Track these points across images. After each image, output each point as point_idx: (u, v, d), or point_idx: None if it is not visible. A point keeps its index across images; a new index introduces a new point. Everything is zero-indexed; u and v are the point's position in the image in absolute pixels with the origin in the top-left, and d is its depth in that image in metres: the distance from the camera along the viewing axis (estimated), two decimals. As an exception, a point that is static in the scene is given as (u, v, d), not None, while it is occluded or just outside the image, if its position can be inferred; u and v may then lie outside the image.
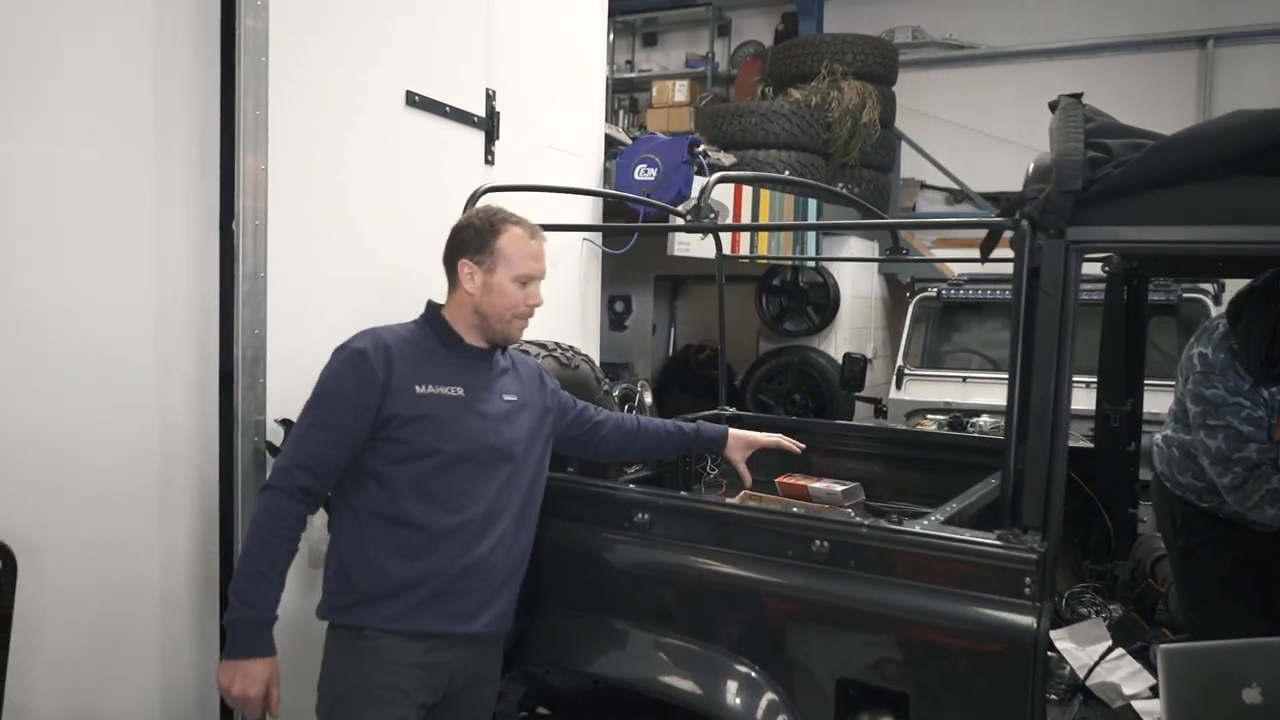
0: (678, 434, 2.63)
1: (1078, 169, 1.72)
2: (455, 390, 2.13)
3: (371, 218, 3.09)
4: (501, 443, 2.16)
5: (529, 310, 2.20)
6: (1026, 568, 1.71)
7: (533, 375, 2.38)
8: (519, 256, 2.17)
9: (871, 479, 3.47)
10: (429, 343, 2.19)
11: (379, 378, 2.05)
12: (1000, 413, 5.02)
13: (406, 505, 2.05)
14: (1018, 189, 6.95)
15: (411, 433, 2.06)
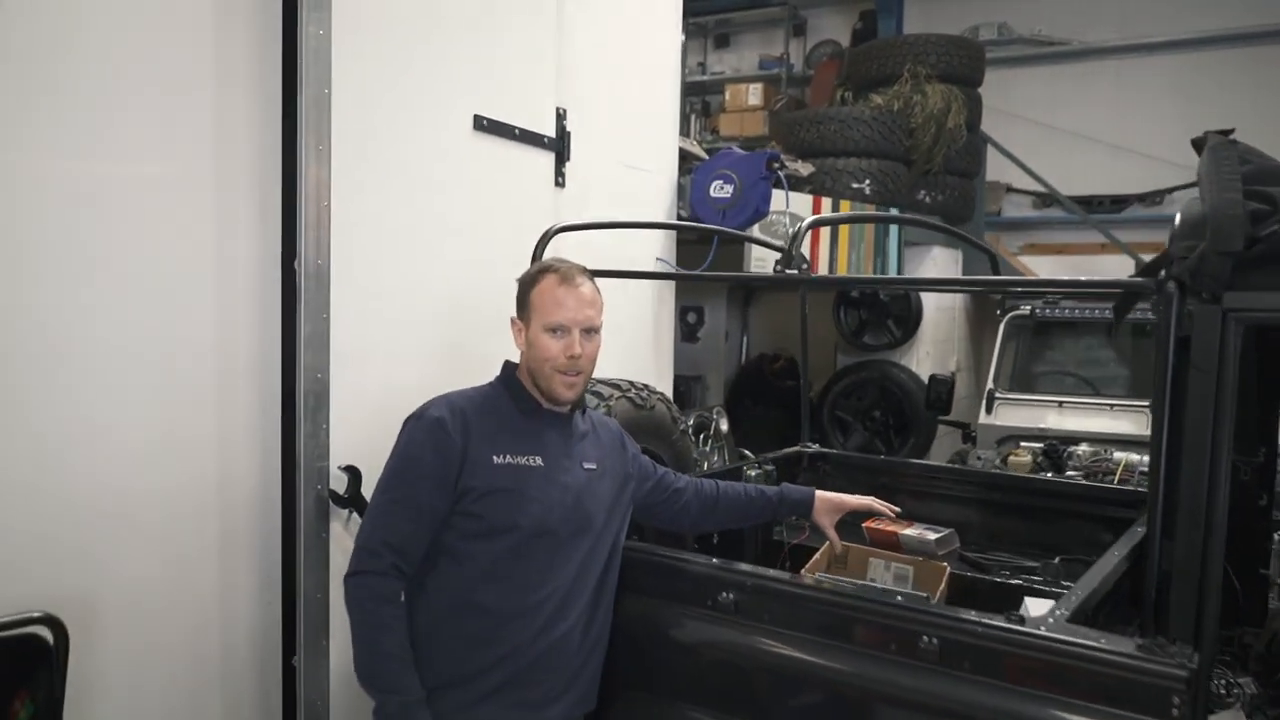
0: (760, 500, 2.46)
1: (1238, 226, 1.48)
2: (533, 460, 2.00)
3: (439, 252, 2.96)
4: (582, 516, 2.03)
5: (569, 364, 2.03)
6: (1175, 685, 1.49)
7: (614, 440, 2.22)
8: (547, 305, 2.04)
9: (965, 524, 3.24)
10: (505, 408, 2.06)
11: (458, 447, 1.93)
12: (1101, 441, 4.73)
13: (480, 584, 1.93)
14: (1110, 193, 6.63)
15: (488, 507, 1.93)
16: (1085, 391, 5.24)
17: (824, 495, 2.54)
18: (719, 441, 4.19)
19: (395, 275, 2.81)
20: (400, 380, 2.81)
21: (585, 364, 2.06)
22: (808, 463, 3.48)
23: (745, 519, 2.54)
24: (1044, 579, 2.84)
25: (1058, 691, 1.59)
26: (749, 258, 5.18)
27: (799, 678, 1.84)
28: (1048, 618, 1.71)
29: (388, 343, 2.78)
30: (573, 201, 3.67)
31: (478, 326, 3.06)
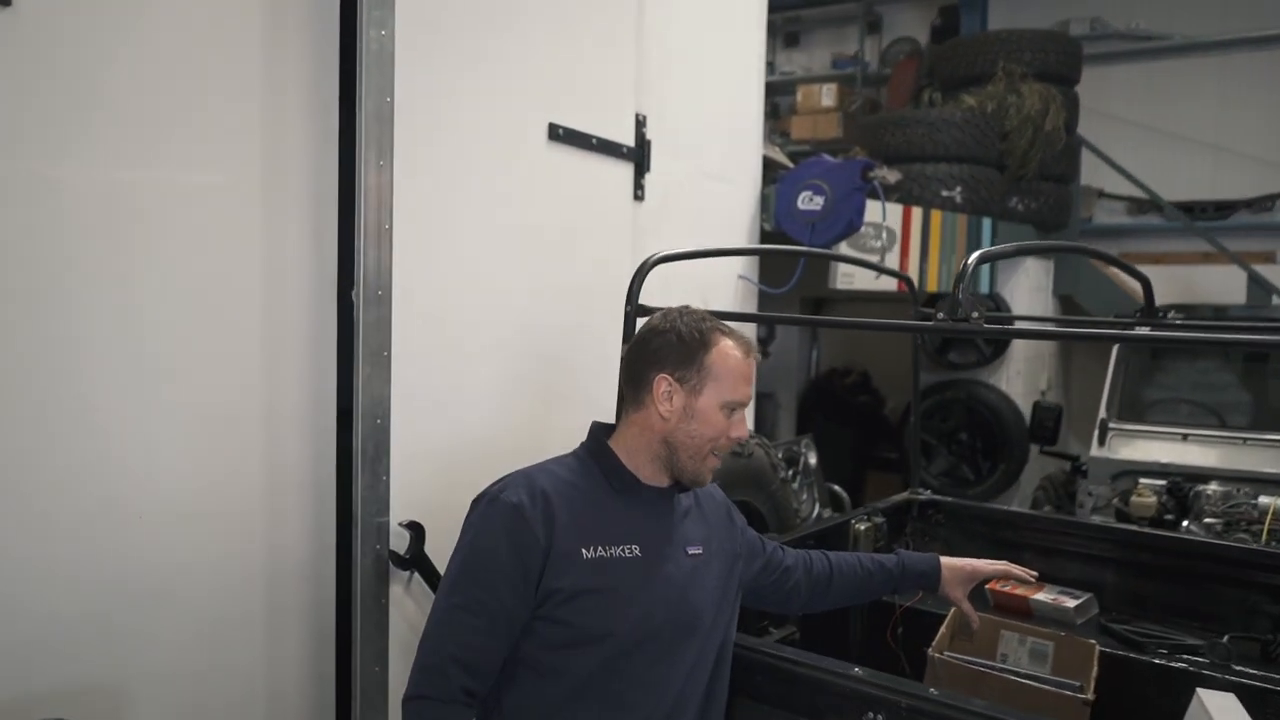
0: (879, 575, 2.12)
1: None
2: (631, 550, 1.66)
3: (511, 277, 2.66)
4: (689, 613, 1.69)
5: (730, 444, 1.74)
6: None
7: (720, 512, 1.88)
8: (734, 378, 1.71)
9: (1102, 587, 2.85)
10: (595, 486, 1.72)
11: (540, 541, 1.59)
12: (1234, 479, 4.26)
13: (569, 703, 1.59)
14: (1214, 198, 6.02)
15: (577, 611, 1.59)
16: (1210, 422, 4.76)
17: (951, 564, 2.18)
18: (808, 478, 3.83)
19: (462, 304, 2.52)
20: (470, 423, 2.53)
21: None
22: (918, 511, 3.10)
23: (861, 596, 2.21)
24: (1211, 661, 2.43)
25: None
26: (834, 273, 4.82)
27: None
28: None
29: (455, 380, 2.49)
30: (652, 216, 3.36)
31: (554, 360, 2.77)
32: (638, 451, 1.74)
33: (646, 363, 1.73)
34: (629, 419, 1.75)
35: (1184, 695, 2.10)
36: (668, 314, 1.79)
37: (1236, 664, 2.42)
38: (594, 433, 1.81)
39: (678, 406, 1.69)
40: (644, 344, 1.76)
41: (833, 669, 1.70)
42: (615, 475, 1.72)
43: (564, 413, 2.76)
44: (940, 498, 3.16)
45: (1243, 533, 3.75)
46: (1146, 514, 4.11)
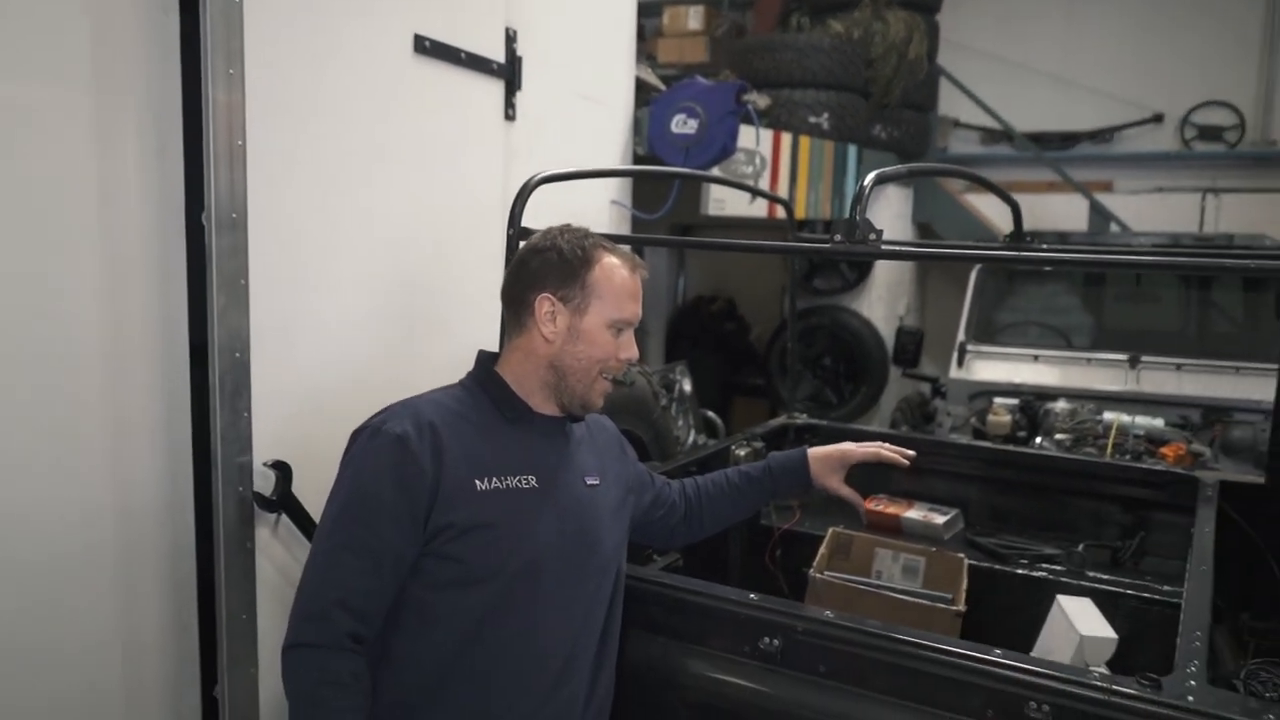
0: (752, 486, 2.05)
1: None
2: (528, 480, 1.59)
3: (376, 199, 2.49)
4: (588, 545, 1.63)
5: (620, 365, 1.67)
6: (1370, 780, 1.20)
7: (612, 444, 1.83)
8: (619, 295, 1.64)
9: (966, 503, 2.96)
10: (486, 416, 1.63)
11: (427, 475, 1.49)
12: (1079, 396, 4.51)
13: (462, 647, 1.51)
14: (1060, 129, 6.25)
15: (470, 547, 1.51)
16: (1057, 343, 5.01)
17: (819, 454, 2.06)
18: (684, 405, 3.83)
19: (325, 228, 2.34)
20: (336, 355, 2.38)
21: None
22: (794, 435, 3.15)
23: (740, 512, 2.14)
24: (1068, 569, 2.57)
25: (1208, 780, 1.28)
26: (706, 199, 4.78)
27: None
28: (1185, 680, 1.39)
29: (319, 310, 2.33)
30: (524, 136, 3.22)
31: (424, 287, 2.64)
32: (526, 378, 1.66)
33: (527, 283, 1.65)
34: (513, 344, 1.67)
35: (1045, 601, 2.22)
36: (548, 233, 1.70)
37: (1090, 570, 2.57)
38: (481, 361, 1.72)
39: (562, 327, 1.62)
40: (524, 264, 1.67)
41: (728, 597, 1.69)
42: (506, 404, 1.64)
43: (435, 342, 2.65)
44: (816, 421, 3.21)
45: (1089, 447, 3.99)
46: (1001, 432, 4.31)
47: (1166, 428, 4.09)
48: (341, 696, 1.45)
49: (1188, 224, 7.37)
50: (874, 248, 1.57)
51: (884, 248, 1.58)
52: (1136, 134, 7.99)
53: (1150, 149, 7.92)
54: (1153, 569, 2.60)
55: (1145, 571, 2.59)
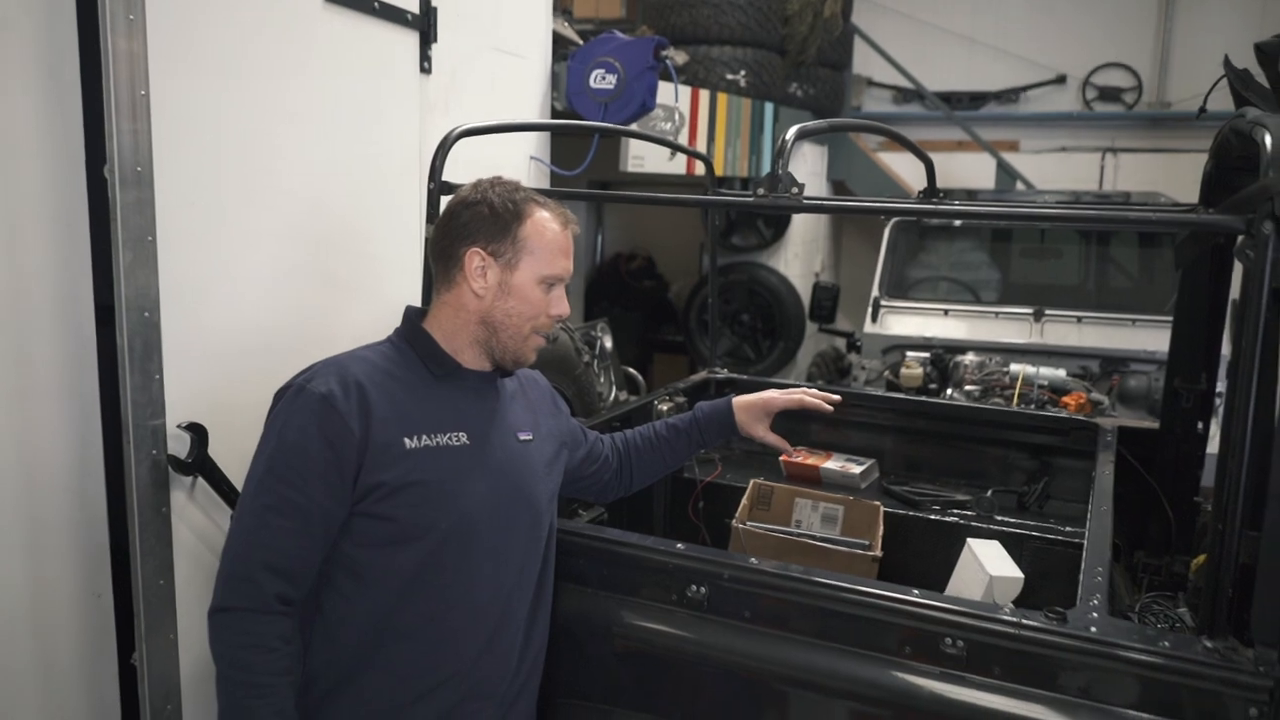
0: (679, 438, 2.07)
1: (1362, 153, 1.22)
2: (458, 438, 1.57)
3: (289, 152, 2.42)
4: (523, 502, 1.63)
5: (551, 322, 1.65)
6: (1254, 696, 1.29)
7: (545, 399, 1.83)
8: (550, 250, 1.62)
9: (881, 453, 3.06)
10: (415, 373, 1.60)
11: (355, 433, 1.47)
12: (987, 349, 4.67)
13: (396, 605, 1.51)
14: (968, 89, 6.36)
15: (402, 505, 1.49)
16: (966, 298, 5.16)
17: (743, 403, 2.06)
18: (605, 361, 3.84)
19: (235, 183, 2.27)
20: (250, 315, 2.31)
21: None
22: (715, 389, 3.19)
23: (670, 464, 2.15)
24: (977, 513, 2.68)
25: (1110, 701, 1.36)
26: (624, 156, 4.76)
27: (790, 686, 1.55)
28: (1088, 613, 1.47)
29: (231, 268, 2.26)
30: (440, 91, 3.16)
31: (338, 244, 2.58)
32: (455, 334, 1.63)
33: (456, 237, 1.62)
34: (441, 300, 1.64)
35: (956, 545, 2.31)
36: (478, 185, 1.67)
37: (998, 514, 2.68)
38: (408, 317, 1.68)
39: (492, 283, 1.60)
40: (453, 217, 1.64)
41: (656, 547, 1.72)
42: (434, 360, 1.62)
43: (354, 300, 2.60)
44: (737, 376, 3.26)
45: (997, 397, 4.14)
46: (914, 384, 4.44)
47: (1068, 378, 4.28)
48: (268, 660, 1.43)
49: (1089, 182, 7.64)
50: (796, 200, 1.59)
51: (805, 201, 1.61)
52: (1041, 94, 8.22)
53: (1054, 110, 8.16)
54: (1056, 512, 2.72)
55: (1049, 514, 2.71)
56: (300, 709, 1.49)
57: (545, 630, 1.70)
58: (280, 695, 1.44)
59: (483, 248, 1.60)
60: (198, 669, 2.10)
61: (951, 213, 1.73)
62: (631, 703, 1.68)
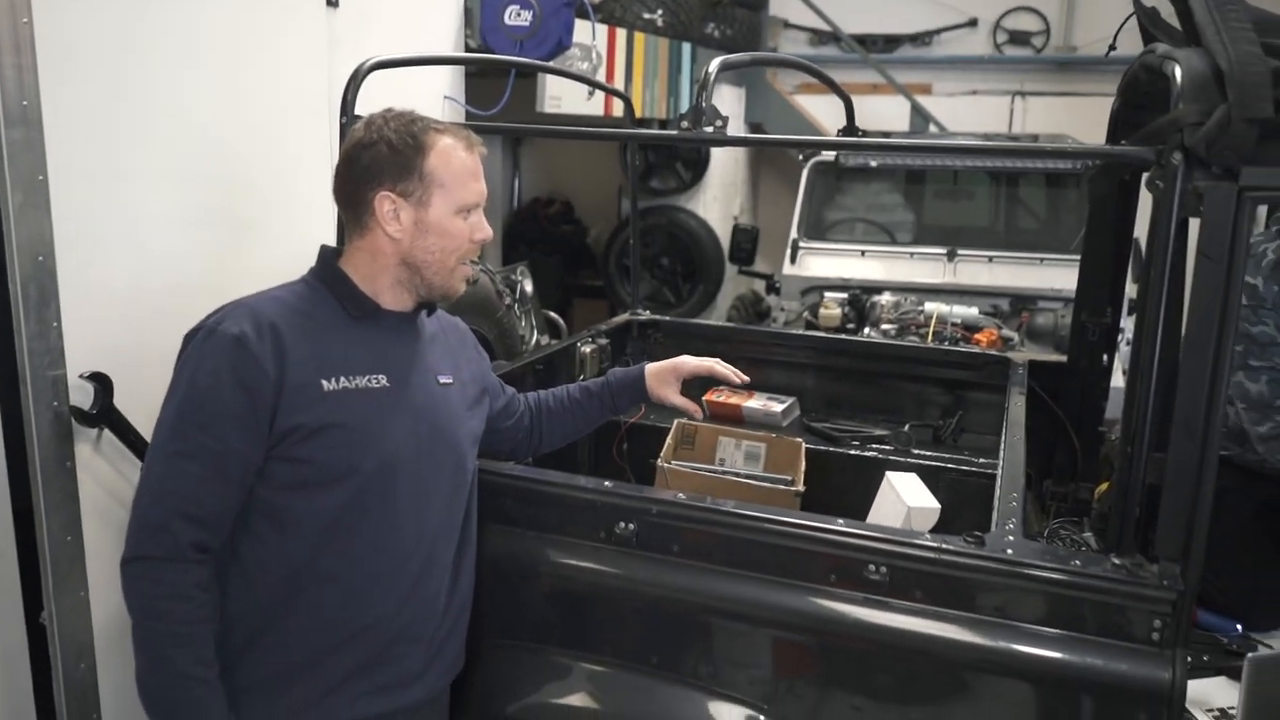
0: (593, 402, 2.07)
1: (1265, 85, 1.25)
2: (377, 380, 1.53)
3: (188, 88, 2.30)
4: (444, 445, 1.60)
5: (476, 247, 1.61)
6: (1158, 609, 1.35)
7: (466, 344, 1.81)
8: (460, 177, 1.55)
9: (802, 391, 3.10)
10: (331, 314, 1.55)
11: (269, 375, 1.42)
12: (903, 289, 4.76)
13: (315, 550, 1.47)
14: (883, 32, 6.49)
15: (320, 449, 1.45)
16: (882, 239, 5.24)
17: (655, 368, 2.09)
18: (526, 305, 3.79)
19: (132, 121, 2.15)
20: (153, 258, 2.21)
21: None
22: (638, 331, 3.18)
23: (581, 428, 2.15)
24: (895, 447, 2.75)
25: (1025, 619, 1.42)
26: (541, 96, 4.67)
27: (719, 618, 1.58)
28: (1004, 536, 1.52)
29: (131, 210, 2.15)
30: (349, 26, 3.03)
31: (244, 184, 2.47)
32: (374, 276, 1.58)
33: (360, 182, 1.55)
34: (355, 245, 1.58)
35: (876, 478, 2.37)
36: (370, 123, 1.59)
37: (915, 448, 2.75)
38: (323, 257, 1.62)
39: (407, 224, 1.54)
40: (353, 162, 1.57)
41: (584, 485, 1.71)
42: (352, 301, 1.56)
43: (262, 241, 2.51)
44: (659, 318, 3.26)
45: (912, 335, 4.24)
46: (832, 324, 4.51)
47: (980, 316, 4.40)
48: (185, 608, 1.40)
49: (999, 125, 7.77)
50: (720, 134, 1.58)
51: (729, 134, 1.59)
52: (953, 38, 8.30)
53: (965, 53, 8.25)
54: (970, 444, 2.81)
55: (964, 447, 2.80)
56: (220, 658, 1.45)
57: (471, 572, 1.69)
58: (199, 643, 1.41)
59: (390, 190, 1.53)
60: (112, 626, 2.04)
61: (872, 145, 1.75)
62: (562, 640, 1.69)
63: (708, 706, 1.59)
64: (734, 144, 1.70)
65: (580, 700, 1.68)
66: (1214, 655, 2.07)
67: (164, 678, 1.41)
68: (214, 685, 1.42)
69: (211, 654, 1.43)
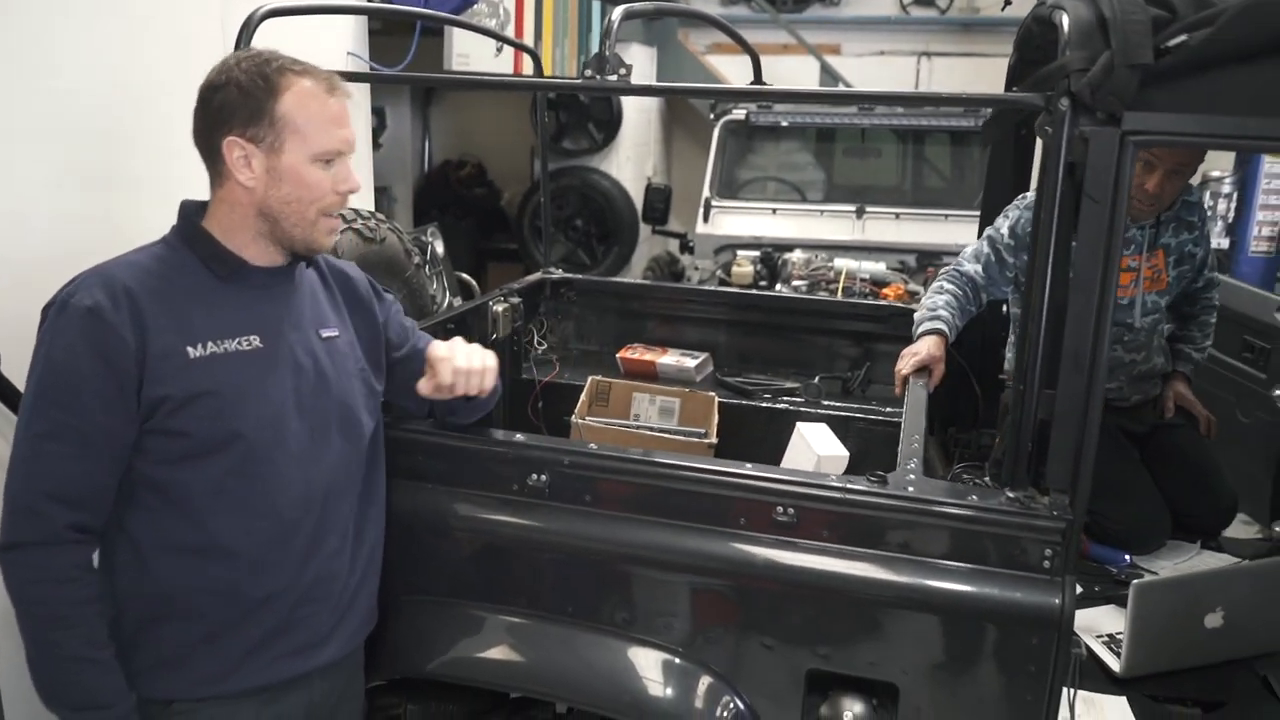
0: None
1: (1145, 33, 1.30)
2: (249, 341, 1.45)
3: (59, 32, 2.18)
4: (331, 401, 1.53)
5: (341, 200, 1.50)
6: (1048, 538, 1.41)
7: (359, 291, 1.69)
8: (317, 122, 1.44)
9: (715, 347, 3.14)
10: (195, 276, 1.45)
11: (130, 345, 1.35)
12: (813, 246, 4.84)
13: (206, 524, 1.42)
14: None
15: (193, 418, 1.38)
16: (794, 198, 5.30)
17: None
18: (437, 266, 3.73)
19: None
20: (21, 219, 2.07)
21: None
22: (551, 290, 3.17)
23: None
24: (806, 399, 2.80)
25: (926, 553, 1.47)
26: (450, 52, 4.58)
27: (633, 563, 1.59)
28: (905, 475, 1.57)
29: (4, 171, 2.03)
30: (243, -23, 2.92)
31: (126, 138, 2.35)
32: (236, 230, 1.48)
33: (212, 127, 1.45)
34: (216, 196, 1.49)
35: (787, 429, 2.41)
36: (223, 64, 1.48)
37: (825, 399, 2.81)
38: (184, 214, 1.52)
39: (259, 171, 1.43)
40: (204, 105, 1.46)
41: (496, 438, 1.71)
42: (216, 261, 1.47)
43: (153, 203, 2.39)
44: (572, 276, 3.25)
45: (823, 291, 4.32)
46: (745, 282, 4.57)
47: (888, 271, 4.50)
48: (68, 591, 1.34)
49: (906, 85, 7.90)
50: (624, 82, 1.57)
51: (633, 82, 1.59)
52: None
53: (873, 14, 8.35)
54: (878, 395, 2.88)
55: (871, 397, 2.87)
56: (117, 640, 1.40)
57: (379, 528, 1.65)
58: (87, 625, 1.36)
59: (240, 135, 1.42)
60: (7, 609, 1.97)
61: (775, 94, 1.76)
62: (477, 594, 1.69)
63: (626, 652, 1.61)
64: (638, 92, 1.69)
65: (500, 653, 1.68)
66: (1104, 585, 2.18)
67: (52, 662, 1.36)
68: (107, 665, 1.37)
69: (103, 635, 1.38)
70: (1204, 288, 2.67)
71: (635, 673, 1.61)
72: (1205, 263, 2.61)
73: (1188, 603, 1.89)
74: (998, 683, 1.45)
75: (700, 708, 1.58)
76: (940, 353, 2.33)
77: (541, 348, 3.11)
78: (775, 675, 1.56)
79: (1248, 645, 1.97)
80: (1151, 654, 1.90)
